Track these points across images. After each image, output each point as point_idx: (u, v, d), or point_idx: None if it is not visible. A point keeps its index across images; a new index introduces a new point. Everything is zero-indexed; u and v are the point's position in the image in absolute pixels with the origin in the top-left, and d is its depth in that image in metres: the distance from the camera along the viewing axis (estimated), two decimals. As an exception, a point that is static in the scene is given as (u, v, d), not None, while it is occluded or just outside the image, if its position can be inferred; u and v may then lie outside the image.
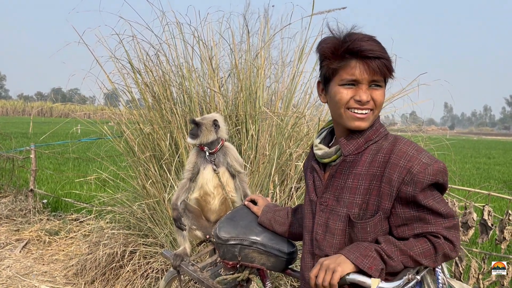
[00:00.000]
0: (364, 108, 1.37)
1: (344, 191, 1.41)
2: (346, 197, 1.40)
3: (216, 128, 2.40)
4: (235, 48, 4.11)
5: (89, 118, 5.99)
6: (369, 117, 1.39)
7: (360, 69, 1.34)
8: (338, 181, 1.44)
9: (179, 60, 4.12)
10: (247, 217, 1.94)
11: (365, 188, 1.37)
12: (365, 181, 1.37)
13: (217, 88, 3.95)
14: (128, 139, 4.04)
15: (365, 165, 1.39)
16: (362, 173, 1.39)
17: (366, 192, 1.37)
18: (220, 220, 1.98)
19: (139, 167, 3.95)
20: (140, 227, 3.89)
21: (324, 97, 1.46)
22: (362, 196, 1.38)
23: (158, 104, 3.94)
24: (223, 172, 2.39)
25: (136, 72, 4.08)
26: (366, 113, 1.37)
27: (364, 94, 1.35)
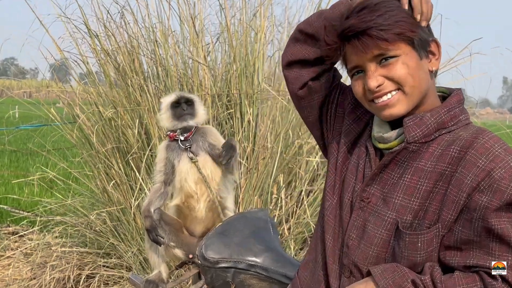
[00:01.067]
0: (383, 93, 1.38)
1: (397, 189, 1.40)
2: (399, 198, 1.39)
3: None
4: (225, 4, 4.09)
5: (30, 98, 5.96)
6: (399, 99, 1.38)
7: (352, 53, 1.39)
8: (390, 174, 1.43)
9: (151, 21, 4.10)
10: (243, 231, 1.95)
11: (427, 190, 1.36)
12: (428, 180, 1.36)
13: (202, 58, 3.93)
14: (83, 126, 4.03)
15: (432, 159, 1.37)
16: (427, 170, 1.37)
17: (427, 195, 1.36)
18: (207, 235, 1.98)
19: (98, 163, 3.95)
20: (99, 243, 3.90)
21: None
22: (421, 201, 1.36)
23: (123, 80, 3.92)
24: (203, 161, 2.41)
25: (93, 37, 4.05)
26: (389, 97, 1.38)
27: (371, 79, 1.37)
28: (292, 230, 3.69)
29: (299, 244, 3.74)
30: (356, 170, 1.51)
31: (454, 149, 1.35)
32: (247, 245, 1.88)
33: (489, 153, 1.30)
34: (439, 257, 1.38)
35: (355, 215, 1.47)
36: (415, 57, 1.38)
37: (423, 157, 1.39)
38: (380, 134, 1.46)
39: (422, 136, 1.39)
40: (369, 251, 1.42)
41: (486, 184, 1.28)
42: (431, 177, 1.36)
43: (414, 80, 1.37)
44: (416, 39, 1.36)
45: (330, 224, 1.54)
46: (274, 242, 2.01)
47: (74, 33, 4.12)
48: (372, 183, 1.46)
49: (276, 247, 1.97)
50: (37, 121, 5.62)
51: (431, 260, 1.38)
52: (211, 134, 2.48)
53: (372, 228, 1.42)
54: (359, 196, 1.47)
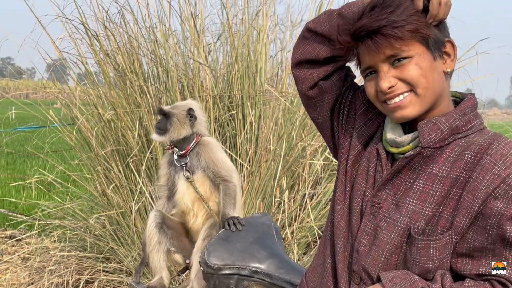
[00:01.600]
0: (395, 95, 1.38)
1: (410, 194, 1.39)
2: (412, 203, 1.38)
3: (192, 120, 2.39)
4: (227, 3, 4.09)
5: (27, 99, 5.96)
6: (411, 101, 1.38)
7: (365, 53, 1.39)
8: (403, 179, 1.42)
9: (151, 21, 4.10)
10: (246, 237, 1.94)
11: (440, 196, 1.35)
12: (442, 186, 1.35)
13: (203, 58, 3.93)
14: (82, 128, 4.03)
15: (446, 165, 1.36)
16: (441, 175, 1.36)
17: (441, 201, 1.35)
18: (209, 241, 1.98)
19: (97, 166, 3.95)
20: (99, 247, 3.90)
21: None
22: (435, 206, 1.35)
23: (123, 81, 3.92)
24: (201, 179, 2.37)
25: (92, 37, 4.05)
26: (401, 99, 1.38)
27: (383, 80, 1.37)
28: (296, 234, 3.68)
29: (303, 248, 3.73)
30: (367, 174, 1.50)
31: (469, 155, 1.34)
32: (251, 251, 1.88)
33: (505, 159, 1.30)
34: (451, 264, 1.38)
35: (365, 221, 1.46)
36: (429, 58, 1.37)
37: (437, 162, 1.38)
38: (393, 138, 1.45)
39: (437, 141, 1.38)
40: (381, 257, 1.41)
41: (502, 190, 1.28)
42: (445, 183, 1.36)
43: (427, 81, 1.36)
44: (431, 38, 1.35)
45: (341, 229, 1.53)
46: (278, 248, 2.00)
47: (73, 33, 4.13)
48: (384, 188, 1.45)
49: (280, 253, 1.97)
50: (34, 122, 5.61)
51: (444, 267, 1.37)
52: (209, 150, 2.39)
53: (384, 234, 1.41)
54: (370, 201, 1.46)
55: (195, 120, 2.39)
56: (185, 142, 2.40)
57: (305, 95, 1.62)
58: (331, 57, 1.54)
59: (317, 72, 1.57)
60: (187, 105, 2.43)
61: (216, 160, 2.36)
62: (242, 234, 1.97)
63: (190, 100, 2.61)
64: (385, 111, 1.44)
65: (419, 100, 1.38)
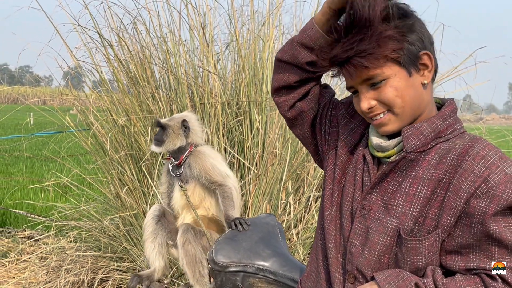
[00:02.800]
0: (374, 114, 1.44)
1: (397, 197, 1.44)
2: (399, 205, 1.43)
3: (186, 131, 2.45)
4: (234, 14, 4.15)
5: (45, 105, 6.04)
6: (390, 119, 1.43)
7: (345, 75, 1.44)
8: (390, 182, 1.47)
9: (162, 31, 4.16)
10: (252, 237, 1.99)
11: (425, 197, 1.40)
12: (427, 187, 1.40)
13: (212, 67, 3.98)
14: (97, 133, 4.09)
15: (430, 167, 1.41)
16: (425, 177, 1.40)
17: (426, 202, 1.40)
18: (217, 240, 2.03)
19: (111, 169, 4.01)
20: (113, 247, 3.95)
21: None
22: (421, 207, 1.40)
23: (136, 88, 3.99)
24: (193, 188, 2.44)
25: (106, 46, 4.12)
26: (381, 117, 1.44)
27: (362, 102, 1.43)
28: (301, 235, 3.72)
29: (307, 248, 3.76)
30: (354, 179, 1.55)
31: (451, 157, 1.39)
32: (256, 250, 1.92)
33: (484, 160, 1.34)
34: (441, 261, 1.42)
35: (356, 223, 1.51)
36: (404, 76, 1.40)
37: (421, 165, 1.43)
38: (378, 143, 1.49)
39: (420, 145, 1.43)
40: (373, 257, 1.46)
41: (483, 190, 1.32)
42: (429, 184, 1.40)
43: (403, 101, 1.41)
44: (402, 58, 1.38)
45: (331, 233, 1.58)
46: (282, 246, 2.04)
47: (88, 43, 4.20)
48: (372, 192, 1.49)
49: (284, 251, 2.01)
50: (52, 128, 5.69)
51: (433, 264, 1.42)
52: (199, 160, 2.43)
53: (375, 235, 1.46)
54: (359, 204, 1.51)
55: (188, 131, 2.45)
56: (180, 152, 2.46)
57: (285, 117, 1.70)
58: (301, 80, 1.60)
59: (292, 95, 1.64)
60: (182, 117, 2.49)
61: (207, 168, 2.41)
62: (247, 234, 2.02)
63: (187, 112, 2.67)
64: (373, 125, 1.51)
65: (397, 118, 1.43)
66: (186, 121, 2.47)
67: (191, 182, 2.43)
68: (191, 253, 2.30)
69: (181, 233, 2.35)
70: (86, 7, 4.08)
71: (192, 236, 2.33)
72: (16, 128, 12.04)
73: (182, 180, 2.43)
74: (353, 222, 1.52)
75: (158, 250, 2.42)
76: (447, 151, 1.41)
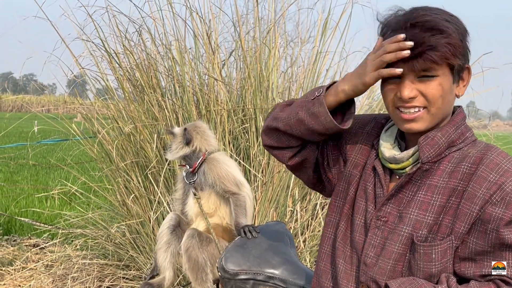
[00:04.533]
0: (411, 106, 1.39)
1: (412, 205, 1.44)
2: (414, 213, 1.43)
3: (186, 139, 2.45)
4: (239, 21, 4.16)
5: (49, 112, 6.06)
6: (423, 117, 1.41)
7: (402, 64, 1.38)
8: (405, 193, 1.46)
9: (167, 39, 4.17)
10: (262, 244, 1.98)
11: (440, 205, 1.40)
12: (442, 196, 1.40)
13: (217, 74, 3.99)
14: (103, 141, 4.10)
15: (444, 176, 1.41)
16: (440, 186, 1.41)
17: (441, 210, 1.40)
18: (227, 247, 2.02)
19: (117, 177, 4.01)
20: (119, 255, 3.94)
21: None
22: (436, 215, 1.40)
23: (142, 96, 3.99)
24: (207, 196, 2.43)
25: (112, 55, 4.13)
26: (415, 112, 1.40)
27: (407, 88, 1.38)
28: (308, 242, 3.71)
29: (314, 256, 3.75)
30: (365, 192, 1.54)
31: (465, 166, 1.40)
32: (266, 257, 1.91)
33: (499, 168, 1.36)
34: (454, 269, 1.41)
35: (371, 234, 1.50)
36: (450, 81, 1.41)
37: (435, 174, 1.43)
38: (392, 155, 1.48)
39: (435, 156, 1.43)
40: (387, 266, 1.45)
41: (499, 197, 1.33)
42: (444, 193, 1.41)
43: (443, 102, 1.40)
44: (457, 64, 1.39)
45: (341, 249, 1.57)
46: (292, 254, 2.03)
47: (93, 51, 4.21)
48: (388, 203, 1.49)
49: (294, 259, 2.01)
50: (57, 135, 5.70)
51: (446, 271, 1.41)
52: (214, 167, 2.42)
53: (389, 244, 1.46)
54: (374, 216, 1.50)
55: (190, 140, 2.44)
56: (193, 159, 2.46)
57: (287, 166, 1.68)
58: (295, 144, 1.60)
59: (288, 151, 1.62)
60: (186, 126, 2.52)
61: (222, 176, 2.41)
62: (257, 241, 2.02)
63: (198, 120, 2.69)
64: (395, 118, 1.47)
65: (430, 117, 1.42)
66: (186, 129, 2.48)
67: (205, 189, 2.43)
68: (193, 259, 2.31)
69: (186, 238, 2.35)
70: (90, 16, 4.10)
71: (197, 243, 2.32)
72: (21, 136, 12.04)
73: (196, 187, 2.42)
74: (367, 234, 1.51)
75: (170, 260, 2.43)
76: (460, 159, 1.42)
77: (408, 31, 1.36)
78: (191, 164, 2.45)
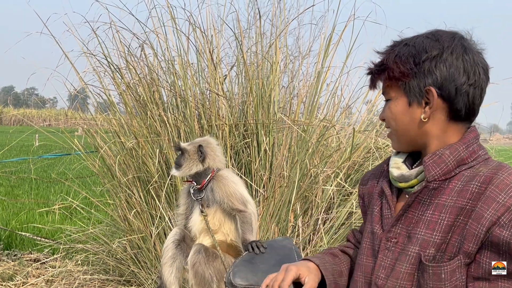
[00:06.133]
0: (386, 126, 1.52)
1: (420, 225, 1.43)
2: (421, 232, 1.42)
3: (202, 157, 2.45)
4: (242, 37, 4.17)
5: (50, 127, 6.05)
6: (392, 138, 1.51)
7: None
8: (414, 213, 1.45)
9: (170, 54, 4.18)
10: (270, 260, 1.96)
11: (448, 224, 1.38)
12: (449, 215, 1.38)
13: (219, 89, 3.99)
14: (105, 156, 4.09)
15: (453, 195, 1.39)
16: (447, 205, 1.39)
17: (448, 229, 1.38)
18: (235, 262, 2.01)
19: (119, 192, 3.99)
20: (120, 271, 3.91)
21: None
22: (443, 234, 1.38)
23: (144, 111, 3.99)
24: (213, 213, 2.42)
25: (115, 70, 4.14)
26: (389, 130, 1.51)
27: (381, 112, 1.52)
28: (309, 257, 3.68)
29: (316, 271, 3.72)
30: (372, 215, 1.56)
31: (474, 185, 1.37)
32: (273, 272, 1.89)
33: (509, 188, 1.33)
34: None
35: (381, 256, 1.49)
36: (403, 103, 1.45)
37: (444, 193, 1.41)
38: (400, 173, 1.49)
39: (442, 174, 1.42)
40: (395, 286, 1.44)
41: (507, 219, 1.31)
42: (452, 212, 1.39)
43: (396, 124, 1.47)
44: (407, 84, 1.42)
45: (354, 277, 1.59)
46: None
47: (96, 67, 4.22)
48: (397, 224, 1.48)
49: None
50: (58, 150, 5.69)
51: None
52: (222, 185, 2.42)
53: (398, 265, 1.45)
54: (384, 237, 1.50)
55: (204, 157, 2.44)
56: (202, 176, 2.46)
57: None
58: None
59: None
60: (199, 142, 2.50)
61: (230, 194, 2.41)
62: (265, 256, 2.00)
63: (208, 136, 2.68)
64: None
65: (396, 138, 1.51)
66: (202, 146, 2.46)
67: (212, 206, 2.42)
68: (200, 274, 2.30)
69: (192, 254, 2.35)
70: (94, 31, 4.11)
71: (203, 258, 2.32)
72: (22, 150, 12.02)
73: (202, 204, 2.41)
74: (376, 256, 1.51)
75: (175, 275, 2.43)
76: (470, 178, 1.40)
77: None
78: (199, 180, 2.44)
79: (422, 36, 1.44)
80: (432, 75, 1.39)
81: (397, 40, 1.48)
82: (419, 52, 1.40)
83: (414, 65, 1.39)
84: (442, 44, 1.40)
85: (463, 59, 1.39)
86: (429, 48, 1.40)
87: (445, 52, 1.39)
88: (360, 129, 4.25)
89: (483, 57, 1.44)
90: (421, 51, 1.40)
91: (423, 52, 1.40)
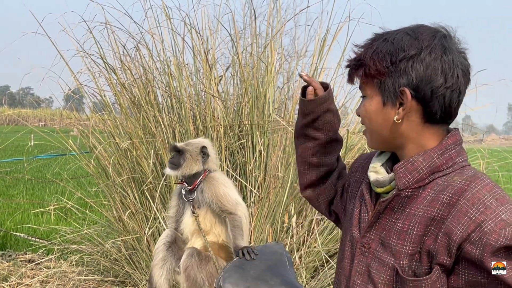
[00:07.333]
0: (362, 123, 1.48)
1: (392, 234, 1.39)
2: (394, 242, 1.38)
3: (204, 157, 2.45)
4: (237, 38, 4.16)
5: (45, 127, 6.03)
6: (366, 135, 1.48)
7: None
8: (388, 220, 1.42)
9: (165, 55, 4.17)
10: (260, 265, 1.96)
11: (418, 234, 1.34)
12: (419, 225, 1.34)
13: (214, 90, 3.98)
14: (100, 156, 4.07)
15: (424, 204, 1.34)
16: (417, 214, 1.34)
17: (419, 239, 1.34)
18: (225, 268, 1.99)
19: (114, 193, 3.98)
20: (115, 271, 3.90)
21: None
22: (414, 245, 1.35)
23: (139, 112, 3.98)
24: (204, 214, 2.42)
25: (110, 71, 4.12)
26: (363, 130, 1.48)
27: (358, 107, 1.47)
28: (303, 258, 3.67)
29: (310, 272, 3.72)
30: (351, 218, 1.53)
31: (445, 196, 1.32)
32: (264, 278, 1.89)
33: (480, 203, 1.27)
34: None
35: (357, 261, 1.47)
36: (378, 102, 1.39)
37: (415, 202, 1.37)
38: (375, 179, 1.45)
39: (414, 182, 1.37)
40: None
41: (477, 236, 1.25)
42: (421, 222, 1.34)
43: (370, 123, 1.43)
44: (383, 83, 1.35)
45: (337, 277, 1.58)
46: (290, 275, 2.01)
47: (91, 67, 4.20)
48: (371, 229, 1.45)
49: (292, 280, 1.97)
50: (53, 150, 5.67)
51: None
52: (212, 186, 2.42)
53: (375, 273, 1.42)
54: (359, 242, 1.47)
55: (207, 158, 2.45)
56: (194, 177, 2.46)
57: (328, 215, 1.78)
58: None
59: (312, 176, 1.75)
60: (200, 143, 2.49)
61: (220, 196, 2.40)
62: (255, 262, 1.99)
63: (202, 138, 2.68)
64: None
65: (369, 136, 1.47)
66: (205, 147, 2.46)
67: (202, 207, 2.42)
68: (192, 278, 2.29)
69: (185, 257, 2.33)
70: (90, 31, 4.09)
71: (196, 262, 2.31)
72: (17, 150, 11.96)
73: (194, 205, 2.40)
74: (353, 261, 1.48)
75: (165, 277, 2.43)
76: (443, 187, 1.34)
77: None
78: (191, 181, 2.43)
79: (402, 31, 1.36)
80: (407, 76, 1.32)
81: (378, 33, 1.40)
82: (396, 50, 1.33)
83: (391, 64, 1.33)
84: (421, 43, 1.33)
85: (441, 60, 1.32)
86: (407, 47, 1.33)
87: (423, 52, 1.32)
88: (355, 130, 4.24)
89: (465, 58, 1.37)
90: (399, 49, 1.33)
91: (400, 50, 1.33)
